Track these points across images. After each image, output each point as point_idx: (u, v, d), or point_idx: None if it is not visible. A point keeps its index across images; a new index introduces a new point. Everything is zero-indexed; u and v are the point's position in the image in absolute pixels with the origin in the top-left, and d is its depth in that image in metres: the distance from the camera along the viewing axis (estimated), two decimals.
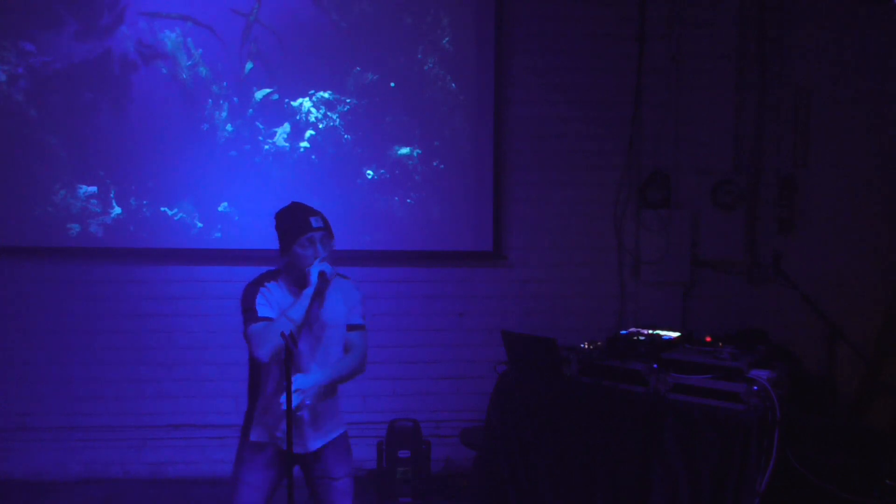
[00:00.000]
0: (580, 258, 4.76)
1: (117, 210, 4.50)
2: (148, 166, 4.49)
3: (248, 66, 4.51)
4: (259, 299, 2.61)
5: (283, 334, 2.47)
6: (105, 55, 4.42)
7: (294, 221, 2.66)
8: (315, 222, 2.65)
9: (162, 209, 4.50)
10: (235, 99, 4.54)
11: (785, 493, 2.86)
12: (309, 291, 2.55)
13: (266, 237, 4.45)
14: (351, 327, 2.77)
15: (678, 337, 3.47)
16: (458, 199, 4.68)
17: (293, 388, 2.46)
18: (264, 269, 2.76)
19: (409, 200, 4.68)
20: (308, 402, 2.59)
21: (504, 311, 4.70)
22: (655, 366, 3.14)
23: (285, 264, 2.69)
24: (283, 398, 2.44)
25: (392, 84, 4.63)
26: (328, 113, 4.60)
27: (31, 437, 4.50)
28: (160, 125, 4.48)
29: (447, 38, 4.64)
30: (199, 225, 4.53)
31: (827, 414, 4.02)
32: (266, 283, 2.66)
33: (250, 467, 2.69)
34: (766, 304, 4.75)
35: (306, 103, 4.58)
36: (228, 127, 4.53)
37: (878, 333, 4.26)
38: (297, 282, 2.66)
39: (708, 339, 3.40)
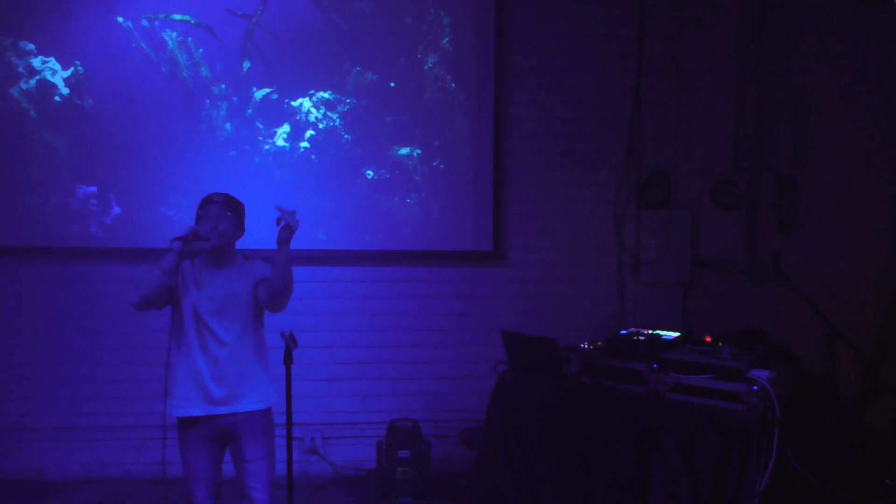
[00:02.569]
0: (580, 258, 4.76)
1: (117, 210, 4.50)
2: (148, 166, 4.48)
3: (247, 64, 4.51)
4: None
5: (283, 334, 2.48)
6: (105, 55, 4.42)
7: (202, 200, 2.90)
8: (216, 197, 2.88)
9: (162, 209, 4.50)
10: (235, 99, 4.54)
11: (785, 493, 2.87)
12: (178, 244, 2.68)
13: (266, 238, 4.46)
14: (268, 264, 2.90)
15: (678, 337, 3.47)
16: (458, 199, 4.68)
17: None
18: None
19: (409, 200, 4.67)
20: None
21: (504, 311, 4.69)
22: (655, 366, 3.14)
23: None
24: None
25: (392, 84, 4.63)
26: (328, 113, 4.60)
27: (31, 437, 4.50)
28: (160, 125, 4.48)
29: (447, 39, 4.64)
30: None
31: (827, 414, 4.02)
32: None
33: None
34: (766, 304, 4.75)
35: (306, 103, 4.58)
36: (227, 126, 4.53)
37: (878, 333, 4.26)
38: (209, 261, 2.87)
39: (708, 339, 3.40)
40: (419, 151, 4.67)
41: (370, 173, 4.64)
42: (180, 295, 2.85)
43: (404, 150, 4.66)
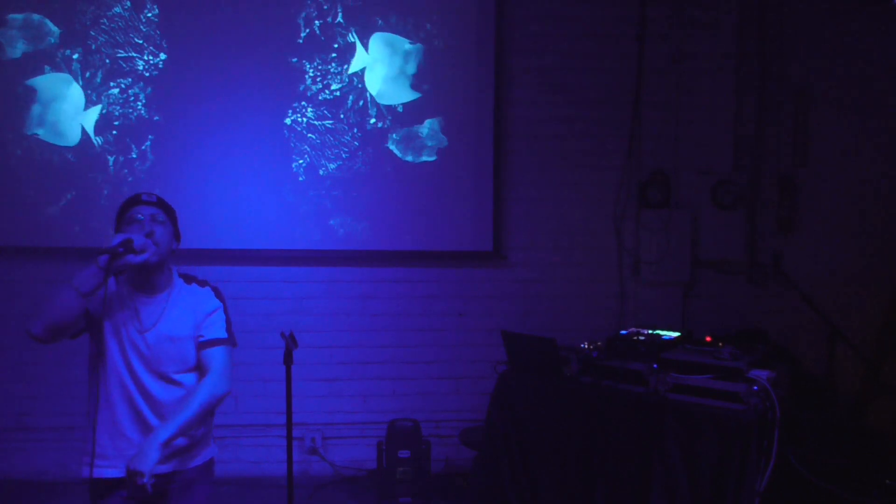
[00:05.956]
0: (580, 258, 4.76)
1: None
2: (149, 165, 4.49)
3: None
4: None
5: (283, 334, 2.47)
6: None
7: (125, 201, 2.30)
8: (146, 197, 2.27)
9: None
10: None
11: (785, 493, 2.87)
12: (104, 258, 2.07)
13: (266, 238, 4.47)
14: (205, 343, 2.29)
15: (678, 337, 3.47)
16: (458, 199, 4.68)
17: (131, 473, 2.01)
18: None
19: (409, 200, 4.67)
20: (152, 480, 2.02)
21: (504, 311, 4.70)
22: (655, 366, 3.14)
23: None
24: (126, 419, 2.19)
25: None
26: (327, 112, 4.60)
27: (31, 437, 4.50)
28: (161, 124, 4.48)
29: (447, 38, 4.63)
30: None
31: (827, 414, 4.02)
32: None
33: None
34: (766, 304, 4.75)
35: None
36: None
37: (878, 333, 4.26)
38: (136, 282, 2.29)
39: (708, 339, 3.40)
40: None
41: None
42: (103, 326, 2.25)
43: None
